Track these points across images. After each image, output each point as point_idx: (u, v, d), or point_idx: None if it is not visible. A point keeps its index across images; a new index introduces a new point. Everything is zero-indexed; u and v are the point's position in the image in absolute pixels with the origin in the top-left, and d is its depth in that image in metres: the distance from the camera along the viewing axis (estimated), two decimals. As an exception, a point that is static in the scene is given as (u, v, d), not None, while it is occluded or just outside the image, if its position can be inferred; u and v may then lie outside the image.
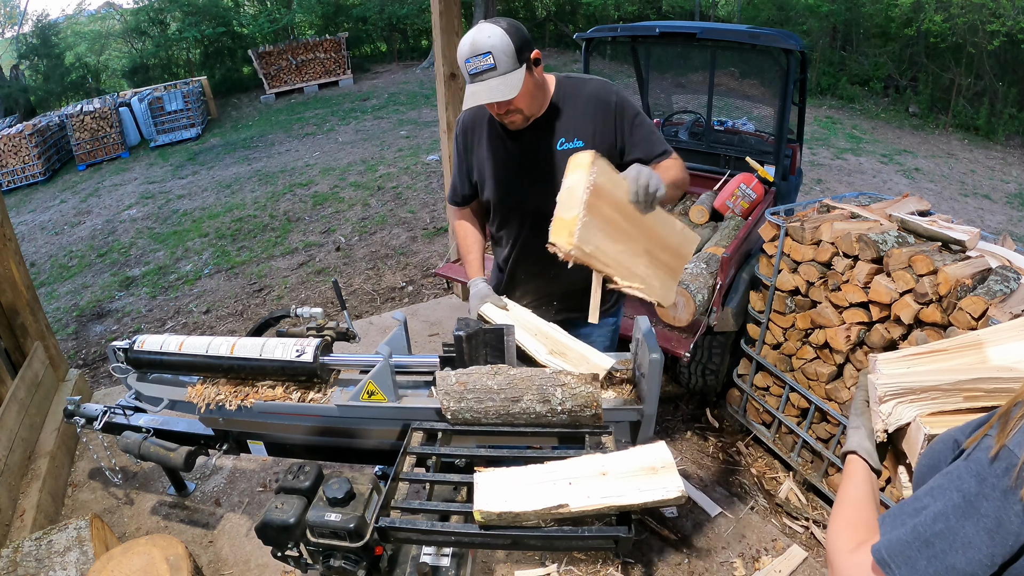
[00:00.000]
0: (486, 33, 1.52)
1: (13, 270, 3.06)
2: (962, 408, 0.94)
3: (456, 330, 1.58)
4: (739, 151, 3.64)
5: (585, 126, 1.71)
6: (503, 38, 1.51)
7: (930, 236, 2.29)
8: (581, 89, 1.73)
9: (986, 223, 6.26)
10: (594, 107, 1.70)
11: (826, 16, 11.59)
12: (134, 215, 7.32)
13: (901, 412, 0.96)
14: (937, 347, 1.04)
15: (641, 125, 1.73)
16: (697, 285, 2.64)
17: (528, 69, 1.58)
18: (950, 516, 0.68)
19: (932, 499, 0.71)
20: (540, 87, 1.67)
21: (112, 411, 2.33)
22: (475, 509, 1.26)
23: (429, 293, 4.76)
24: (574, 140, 1.70)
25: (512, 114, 1.64)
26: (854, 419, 1.04)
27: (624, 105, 1.71)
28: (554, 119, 1.72)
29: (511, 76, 1.53)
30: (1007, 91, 9.75)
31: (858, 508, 0.87)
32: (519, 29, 1.57)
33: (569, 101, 1.72)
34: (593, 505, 1.25)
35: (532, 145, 1.74)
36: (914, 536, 0.70)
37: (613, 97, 1.71)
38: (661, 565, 2.39)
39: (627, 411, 1.60)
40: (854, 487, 0.92)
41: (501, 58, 1.51)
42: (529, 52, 1.57)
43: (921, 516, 0.70)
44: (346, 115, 10.86)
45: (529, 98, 1.62)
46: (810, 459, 2.80)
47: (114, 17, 16.29)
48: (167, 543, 2.04)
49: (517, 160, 1.77)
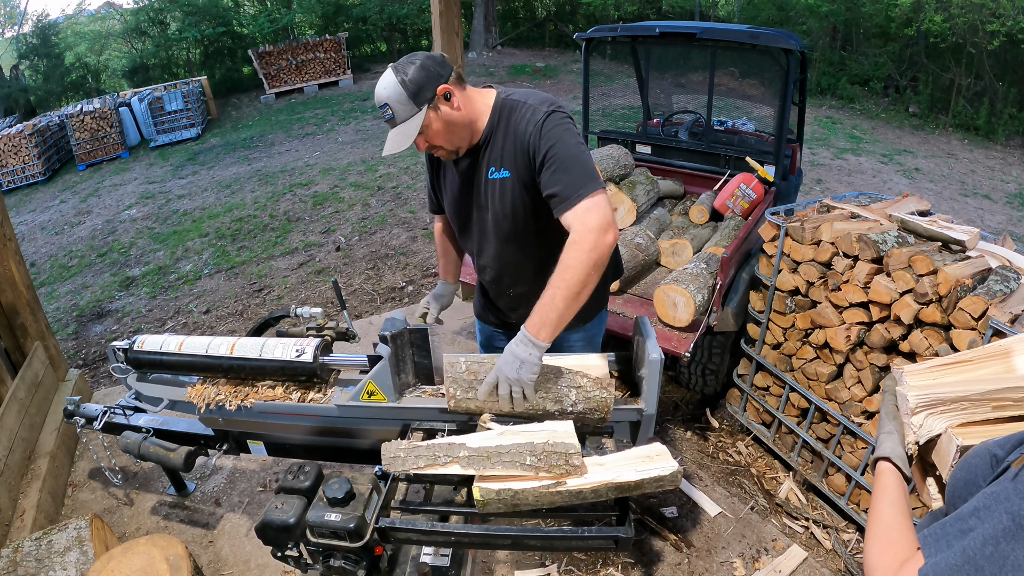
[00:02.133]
0: (383, 84, 1.53)
1: (13, 270, 3.06)
2: (990, 418, 0.93)
3: (382, 330, 1.63)
4: (739, 151, 3.64)
5: (511, 156, 1.62)
6: (395, 88, 1.51)
7: (930, 236, 2.29)
8: (514, 114, 1.61)
9: (986, 223, 6.26)
10: (515, 139, 1.60)
11: (826, 16, 11.58)
12: (134, 215, 7.31)
13: (932, 424, 0.95)
14: (962, 357, 1.03)
15: (556, 164, 1.52)
16: (697, 285, 2.64)
17: (434, 108, 1.54)
18: (1000, 540, 0.65)
19: (979, 520, 0.69)
20: (457, 122, 1.58)
21: (112, 411, 2.33)
22: (475, 486, 1.26)
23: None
24: (501, 170, 1.65)
25: (435, 149, 1.65)
26: (887, 423, 1.01)
27: (542, 141, 1.53)
28: (485, 147, 1.67)
29: (409, 123, 1.54)
30: (1007, 91, 9.75)
31: (897, 525, 0.85)
32: (423, 70, 1.51)
33: (501, 127, 1.64)
34: (590, 483, 1.26)
35: (469, 171, 1.73)
36: (963, 560, 0.67)
37: (532, 131, 1.55)
38: (661, 565, 2.39)
39: (627, 411, 1.60)
40: (890, 502, 0.89)
41: (397, 108, 1.53)
42: (433, 90, 1.52)
43: (968, 538, 0.68)
44: (346, 115, 10.86)
45: (445, 135, 1.60)
46: (810, 459, 2.80)
47: (114, 17, 16.27)
48: (167, 543, 2.04)
49: (458, 185, 1.78)
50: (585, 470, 1.29)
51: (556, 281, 1.42)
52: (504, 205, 1.67)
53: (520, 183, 1.64)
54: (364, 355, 1.78)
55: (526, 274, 1.82)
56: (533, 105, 1.59)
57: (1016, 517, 0.65)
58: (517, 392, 1.42)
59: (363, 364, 1.79)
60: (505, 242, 1.75)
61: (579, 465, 1.28)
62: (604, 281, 1.79)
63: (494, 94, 1.67)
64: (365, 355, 1.77)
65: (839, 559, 2.43)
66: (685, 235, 3.33)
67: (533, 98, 1.62)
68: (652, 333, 1.59)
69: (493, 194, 1.68)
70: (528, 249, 1.76)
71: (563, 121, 1.57)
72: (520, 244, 1.75)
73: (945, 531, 0.72)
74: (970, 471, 0.80)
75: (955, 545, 0.69)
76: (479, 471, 1.29)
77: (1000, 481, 0.71)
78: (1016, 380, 0.94)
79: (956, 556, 0.68)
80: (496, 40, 14.72)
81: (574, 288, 1.41)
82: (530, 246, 1.75)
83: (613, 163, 3.55)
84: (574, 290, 1.41)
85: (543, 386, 1.46)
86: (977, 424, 0.93)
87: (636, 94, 4.45)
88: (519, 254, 1.78)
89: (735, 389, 3.12)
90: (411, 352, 1.70)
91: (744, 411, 3.07)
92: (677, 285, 2.64)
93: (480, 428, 1.48)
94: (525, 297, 1.83)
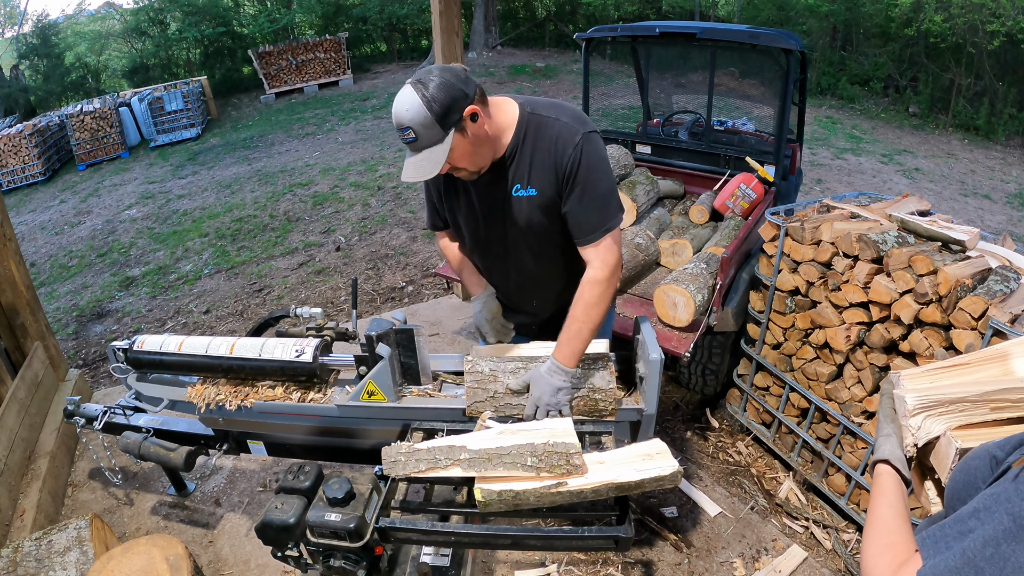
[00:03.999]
0: (405, 105, 1.41)
1: (13, 270, 3.06)
2: (988, 420, 0.93)
3: (368, 330, 1.63)
4: (739, 151, 3.64)
5: (540, 175, 1.58)
6: (420, 112, 1.39)
7: (930, 236, 2.29)
8: (544, 131, 1.56)
9: (986, 223, 6.26)
10: (553, 159, 1.55)
11: (826, 16, 11.58)
12: (134, 215, 7.31)
13: (930, 426, 0.95)
14: (959, 361, 1.03)
15: (586, 194, 1.56)
16: (697, 285, 2.64)
17: (461, 131, 1.45)
18: (1001, 541, 0.65)
19: (979, 522, 0.68)
20: (483, 141, 1.51)
21: (112, 411, 2.33)
22: (476, 487, 1.27)
23: (429, 293, 4.76)
24: (528, 188, 1.60)
25: (457, 171, 1.56)
26: (885, 426, 1.01)
27: (579, 168, 1.53)
28: (511, 163, 1.60)
29: (435, 150, 1.44)
30: (1007, 91, 9.75)
31: (896, 527, 0.84)
32: (447, 88, 1.40)
33: (529, 143, 1.57)
34: (591, 483, 1.26)
35: (488, 190, 1.65)
36: (963, 562, 0.67)
37: (570, 153, 1.53)
38: (661, 565, 2.39)
39: (627, 411, 1.60)
40: (888, 504, 0.88)
41: (421, 132, 1.42)
42: (460, 112, 1.42)
43: (968, 540, 0.68)
44: (346, 115, 10.86)
45: (470, 157, 1.51)
46: (810, 459, 2.80)
47: (114, 17, 16.27)
48: (167, 543, 2.04)
49: (476, 206, 1.70)
50: (586, 469, 1.29)
51: (580, 317, 1.58)
52: (530, 223, 1.65)
53: (546, 201, 1.61)
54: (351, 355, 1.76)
55: (546, 285, 1.83)
56: (566, 123, 1.56)
57: (1017, 518, 0.65)
58: (554, 414, 1.55)
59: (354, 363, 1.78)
60: (529, 258, 1.75)
61: (580, 465, 1.28)
62: None
63: (517, 106, 1.60)
64: (352, 355, 1.76)
65: (839, 559, 2.43)
66: (685, 235, 3.33)
67: (563, 114, 1.58)
68: (652, 333, 1.60)
69: (519, 212, 1.64)
70: (548, 263, 1.76)
71: (601, 147, 1.58)
72: (541, 259, 1.75)
73: (944, 532, 0.72)
74: (969, 473, 0.79)
75: (954, 547, 0.69)
76: (480, 473, 1.30)
77: (1000, 482, 0.71)
78: (1014, 382, 0.94)
79: (956, 558, 0.68)
80: (496, 40, 14.72)
81: (596, 321, 1.59)
82: (551, 260, 1.76)
83: (613, 163, 3.55)
84: (596, 322, 1.59)
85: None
86: (976, 426, 0.93)
87: (636, 94, 4.45)
88: (539, 269, 1.78)
89: (735, 389, 3.12)
90: (397, 352, 1.69)
91: (744, 411, 3.07)
92: (677, 285, 2.64)
93: (479, 427, 1.48)
94: (543, 306, 1.88)
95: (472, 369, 1.62)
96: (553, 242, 1.70)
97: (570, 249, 1.68)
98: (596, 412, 1.60)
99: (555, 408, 1.55)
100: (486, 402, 1.60)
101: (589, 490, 1.26)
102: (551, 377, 1.55)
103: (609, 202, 1.59)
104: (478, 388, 1.60)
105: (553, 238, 1.68)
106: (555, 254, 1.74)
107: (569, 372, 1.56)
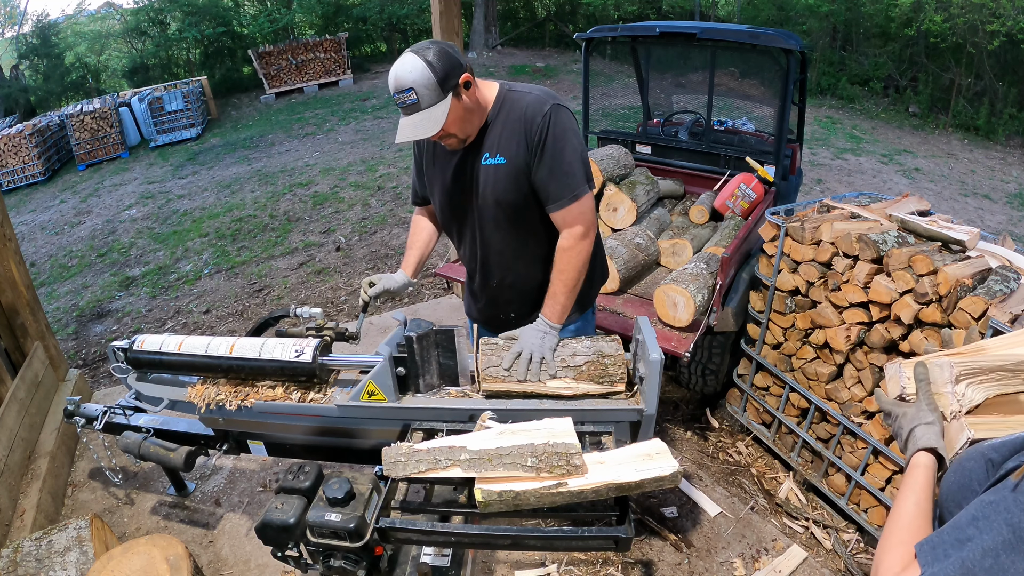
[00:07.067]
0: (407, 67, 1.49)
1: (13, 270, 3.06)
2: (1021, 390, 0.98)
3: (408, 330, 1.62)
4: (739, 151, 3.64)
5: (510, 143, 1.65)
6: (423, 72, 1.48)
7: (930, 236, 2.29)
8: (516, 104, 1.65)
9: (986, 223, 6.26)
10: (523, 127, 1.63)
11: (826, 16, 11.59)
12: (134, 215, 7.32)
13: (973, 394, 0.98)
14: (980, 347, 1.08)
15: (555, 161, 1.63)
16: (697, 285, 2.64)
17: (456, 96, 1.54)
18: (1000, 552, 0.64)
19: (977, 531, 0.68)
20: (473, 110, 1.61)
21: (112, 411, 2.33)
22: (476, 487, 1.26)
23: (429, 293, 4.76)
24: (496, 156, 1.66)
25: (447, 138, 1.64)
26: (927, 414, 0.97)
27: (547, 136, 1.61)
28: (485, 135, 1.68)
29: (435, 109, 1.52)
30: (1007, 91, 9.75)
31: (915, 527, 0.83)
32: (445, 56, 1.51)
33: (502, 116, 1.66)
34: (591, 484, 1.26)
35: (462, 159, 1.73)
36: (962, 572, 0.66)
37: (539, 119, 1.61)
38: (661, 565, 2.39)
39: (627, 411, 1.60)
40: (915, 502, 0.87)
41: (423, 92, 1.49)
42: (457, 78, 1.52)
43: (967, 549, 0.67)
44: (346, 115, 10.86)
45: (461, 123, 1.59)
46: (810, 459, 2.80)
47: (114, 17, 16.28)
48: (167, 543, 2.04)
49: (451, 175, 1.77)
50: (586, 469, 1.29)
51: (556, 283, 1.73)
52: (495, 192, 1.69)
53: (514, 170, 1.66)
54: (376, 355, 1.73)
55: (507, 261, 1.85)
56: (538, 95, 1.66)
57: (1016, 529, 0.64)
58: (537, 358, 1.62)
59: (363, 364, 1.78)
60: (491, 229, 1.78)
61: (580, 465, 1.28)
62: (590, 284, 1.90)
63: (497, 86, 1.71)
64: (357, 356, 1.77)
65: (839, 559, 2.43)
66: (685, 235, 3.33)
67: (536, 90, 1.68)
68: (652, 333, 1.60)
69: (486, 180, 1.70)
70: (510, 236, 1.79)
71: (570, 118, 1.66)
72: (503, 231, 1.78)
73: (941, 540, 0.71)
74: (964, 474, 0.79)
75: (952, 555, 0.68)
76: (480, 473, 1.30)
77: (998, 490, 0.70)
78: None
79: (954, 567, 0.67)
80: (496, 40, 14.72)
81: (571, 284, 1.73)
82: (512, 233, 1.78)
83: (613, 163, 3.55)
84: (571, 285, 1.73)
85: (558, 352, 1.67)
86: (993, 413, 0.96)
87: (636, 94, 4.45)
88: (502, 242, 1.81)
89: (735, 389, 3.12)
90: (436, 353, 1.68)
91: (744, 411, 3.07)
92: (677, 285, 2.64)
93: (479, 427, 1.48)
94: (508, 288, 1.90)
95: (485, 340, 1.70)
96: (513, 215, 1.73)
97: (530, 227, 1.75)
98: (606, 377, 1.61)
99: (540, 352, 1.62)
100: (499, 367, 1.64)
101: (589, 490, 1.26)
102: (536, 326, 1.69)
103: (576, 169, 1.65)
104: (491, 355, 1.66)
105: (514, 211, 1.72)
106: (514, 228, 1.77)
107: (553, 325, 1.69)
